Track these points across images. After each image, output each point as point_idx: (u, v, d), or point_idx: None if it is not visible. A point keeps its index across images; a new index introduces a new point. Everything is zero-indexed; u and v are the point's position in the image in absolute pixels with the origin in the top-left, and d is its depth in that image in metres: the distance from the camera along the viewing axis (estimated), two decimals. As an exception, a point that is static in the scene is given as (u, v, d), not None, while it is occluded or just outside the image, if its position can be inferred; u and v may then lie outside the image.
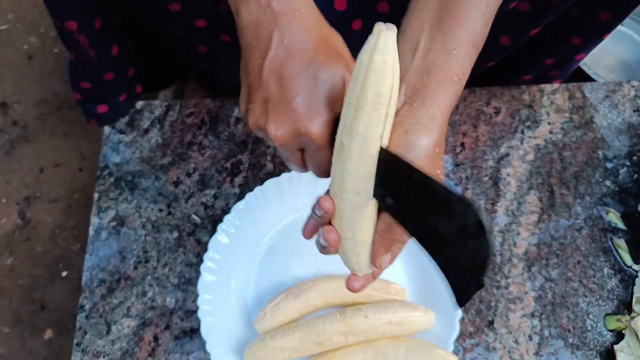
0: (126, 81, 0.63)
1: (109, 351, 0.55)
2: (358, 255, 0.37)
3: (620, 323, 0.54)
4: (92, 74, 0.60)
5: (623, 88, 0.67)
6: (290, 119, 0.35)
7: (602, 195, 0.61)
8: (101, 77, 0.60)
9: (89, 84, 0.61)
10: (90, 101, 0.63)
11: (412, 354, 0.49)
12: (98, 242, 0.60)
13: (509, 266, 0.57)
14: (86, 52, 0.56)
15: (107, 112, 0.64)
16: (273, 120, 0.36)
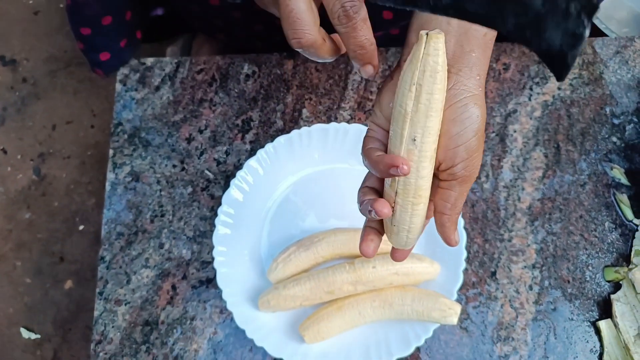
0: (124, 25, 0.64)
1: (129, 299, 0.58)
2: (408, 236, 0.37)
3: (618, 274, 0.56)
4: (90, 18, 0.61)
5: (635, 43, 0.66)
6: None
7: (608, 152, 0.62)
8: (99, 21, 0.61)
9: (88, 29, 0.62)
10: (92, 49, 0.64)
11: (418, 303, 0.51)
12: (115, 197, 0.62)
13: (513, 220, 0.59)
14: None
15: (109, 59, 0.65)
16: None
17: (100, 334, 0.57)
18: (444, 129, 0.34)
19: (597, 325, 0.55)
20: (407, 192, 0.34)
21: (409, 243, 0.38)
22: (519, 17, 0.26)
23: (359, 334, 0.54)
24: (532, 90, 0.64)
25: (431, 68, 0.31)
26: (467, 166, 0.34)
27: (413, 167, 0.33)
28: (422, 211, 0.36)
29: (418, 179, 0.34)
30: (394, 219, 0.36)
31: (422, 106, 0.32)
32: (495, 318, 0.56)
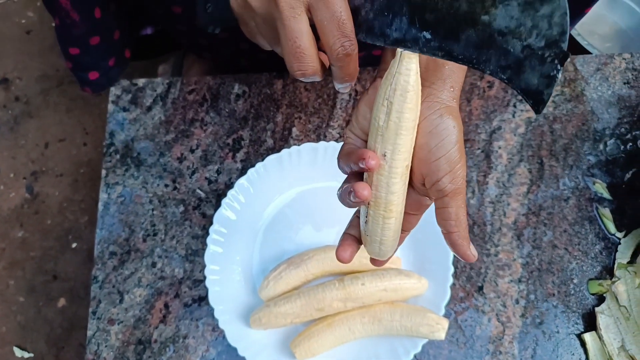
0: (113, 45, 0.65)
1: (122, 318, 0.59)
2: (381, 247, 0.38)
3: (602, 287, 0.57)
4: (78, 38, 0.61)
5: (614, 60, 0.68)
6: None
7: (590, 167, 0.63)
8: (87, 42, 0.61)
9: (77, 49, 0.62)
10: (81, 69, 0.65)
11: (406, 318, 0.52)
12: (107, 216, 0.62)
13: (499, 235, 0.60)
14: (69, 15, 0.57)
15: (98, 78, 0.65)
16: None
17: (93, 353, 0.58)
18: (422, 142, 0.34)
19: (582, 338, 0.56)
20: (378, 205, 0.35)
21: (382, 254, 0.38)
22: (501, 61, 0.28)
23: (349, 350, 0.55)
24: (515, 107, 0.66)
25: (402, 87, 0.32)
26: (452, 179, 0.34)
27: (383, 181, 0.34)
28: (393, 225, 0.36)
29: (388, 194, 0.34)
30: (367, 229, 0.37)
31: (392, 123, 0.32)
32: (483, 332, 0.57)
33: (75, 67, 0.65)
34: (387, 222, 0.35)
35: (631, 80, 0.67)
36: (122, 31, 0.65)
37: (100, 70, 0.65)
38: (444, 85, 0.34)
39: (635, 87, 0.67)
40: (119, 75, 0.67)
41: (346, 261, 0.38)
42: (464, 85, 0.67)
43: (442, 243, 0.56)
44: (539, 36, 0.27)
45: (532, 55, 0.27)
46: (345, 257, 0.38)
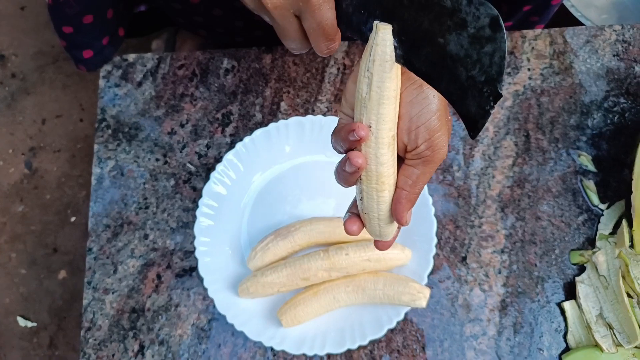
0: (106, 24, 0.65)
1: (117, 288, 0.61)
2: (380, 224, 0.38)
3: (583, 257, 0.59)
4: (71, 17, 0.61)
5: (604, 32, 0.68)
6: None
7: (576, 139, 0.64)
8: (80, 20, 0.61)
9: (70, 28, 0.63)
10: (74, 47, 0.65)
11: (389, 287, 0.54)
12: (100, 190, 0.64)
13: (483, 207, 0.61)
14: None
15: (92, 57, 0.66)
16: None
17: (89, 321, 0.60)
18: (403, 112, 0.35)
19: (561, 306, 0.57)
20: (370, 179, 0.36)
21: (383, 233, 0.39)
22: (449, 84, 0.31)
23: (334, 317, 0.56)
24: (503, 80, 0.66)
25: (380, 57, 0.32)
26: (430, 146, 0.34)
27: (371, 153, 0.35)
28: (387, 198, 0.37)
29: (378, 166, 0.35)
30: (363, 208, 0.38)
31: (374, 94, 0.33)
32: (466, 301, 0.59)
33: (69, 45, 0.65)
34: (381, 195, 0.36)
35: (621, 52, 0.67)
36: (116, 9, 0.65)
37: (94, 48, 0.66)
38: None
39: (624, 59, 0.66)
40: (113, 54, 0.68)
41: (355, 233, 0.39)
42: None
43: (426, 215, 0.57)
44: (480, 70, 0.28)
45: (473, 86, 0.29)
46: (354, 229, 0.39)
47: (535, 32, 0.68)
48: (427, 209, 0.57)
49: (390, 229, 0.39)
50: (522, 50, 0.67)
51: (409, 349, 0.57)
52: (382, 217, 0.38)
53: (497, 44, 0.28)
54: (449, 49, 0.29)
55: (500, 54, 0.28)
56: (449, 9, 0.28)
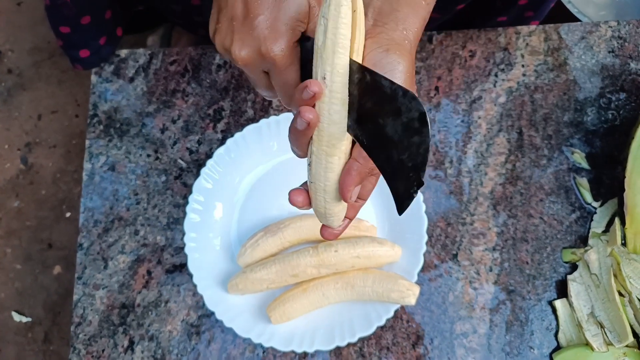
0: (104, 24, 0.64)
1: (107, 284, 0.61)
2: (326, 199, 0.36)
3: (575, 255, 0.58)
4: (68, 17, 0.61)
5: (600, 29, 0.67)
6: (253, 39, 0.35)
7: (570, 136, 0.63)
8: (78, 21, 0.61)
9: (67, 28, 0.62)
10: (71, 47, 0.65)
11: (378, 284, 0.54)
12: (91, 186, 0.64)
13: (475, 204, 0.61)
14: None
15: (89, 56, 0.66)
16: (237, 39, 0.35)
17: (79, 316, 0.60)
18: None
19: (553, 305, 0.57)
20: (321, 139, 0.33)
21: (329, 212, 0.37)
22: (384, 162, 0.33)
23: (323, 314, 0.56)
24: (497, 76, 0.65)
25: (335, 2, 0.31)
26: None
27: (324, 109, 0.33)
28: (336, 166, 0.34)
29: (330, 125, 0.33)
30: (310, 175, 0.36)
31: (329, 41, 0.31)
32: (456, 298, 0.58)
33: (66, 45, 0.65)
34: (330, 161, 0.34)
35: (616, 48, 0.66)
36: (114, 10, 0.64)
37: (91, 48, 0.65)
38: (396, 27, 0.34)
39: (619, 55, 0.66)
40: (110, 53, 0.67)
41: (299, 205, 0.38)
42: (445, 55, 0.66)
43: (417, 212, 0.57)
44: (409, 157, 0.31)
45: (402, 169, 0.31)
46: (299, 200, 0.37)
47: (530, 28, 0.67)
48: (417, 206, 0.57)
49: (336, 209, 0.37)
50: (516, 47, 0.66)
51: (399, 347, 0.57)
52: (329, 190, 0.35)
53: (423, 137, 0.30)
54: (387, 131, 0.31)
55: (424, 147, 0.30)
56: (388, 95, 0.30)
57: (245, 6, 0.35)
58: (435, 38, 0.66)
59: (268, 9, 0.35)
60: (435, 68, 0.66)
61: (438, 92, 0.65)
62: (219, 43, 0.37)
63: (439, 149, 0.63)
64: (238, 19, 0.35)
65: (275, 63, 0.35)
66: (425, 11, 0.35)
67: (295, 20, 0.35)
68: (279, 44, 0.35)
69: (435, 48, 0.66)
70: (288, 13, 0.35)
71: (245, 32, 0.35)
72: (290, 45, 0.35)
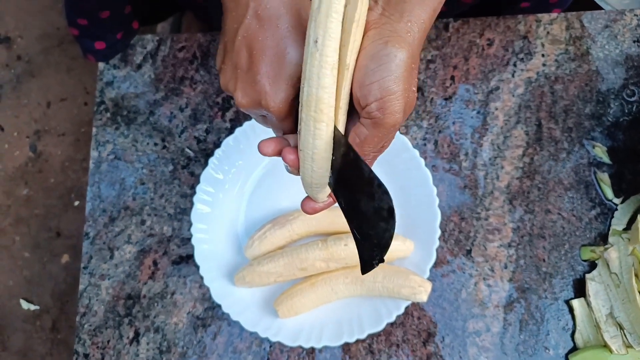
0: (123, 19, 0.63)
1: (112, 274, 0.60)
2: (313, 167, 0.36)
3: (594, 254, 0.56)
4: (88, 11, 0.60)
5: (625, 17, 0.64)
6: (254, 91, 0.37)
7: (591, 129, 0.61)
8: (97, 15, 0.60)
9: (85, 20, 0.61)
10: (87, 37, 0.63)
11: (388, 280, 0.52)
12: (98, 174, 0.63)
13: (491, 199, 0.59)
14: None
15: (104, 48, 0.65)
16: (240, 88, 0.37)
17: (85, 306, 0.60)
18: (363, 64, 0.34)
19: (570, 304, 0.55)
20: (309, 103, 0.34)
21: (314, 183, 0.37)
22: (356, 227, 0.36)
23: (331, 310, 0.55)
24: (515, 66, 0.63)
25: None
26: (380, 107, 0.33)
27: (314, 72, 0.33)
28: (324, 134, 0.34)
29: (319, 89, 0.33)
30: (299, 142, 0.36)
31: (323, 6, 0.32)
32: (469, 295, 0.56)
33: (82, 35, 0.63)
34: (318, 127, 0.34)
35: (642, 38, 0.63)
36: (134, 5, 0.63)
37: (108, 41, 0.64)
38: (401, 18, 0.34)
39: (645, 45, 0.63)
40: (125, 47, 0.66)
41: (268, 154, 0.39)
42: (462, 43, 0.64)
43: (429, 206, 0.55)
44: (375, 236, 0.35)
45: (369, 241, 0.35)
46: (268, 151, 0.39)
47: (551, 16, 0.64)
48: (431, 200, 0.55)
49: (323, 181, 0.37)
50: (537, 35, 0.64)
51: (409, 344, 0.56)
52: (316, 158, 0.35)
53: (389, 226, 0.34)
54: (361, 206, 0.34)
55: (389, 234, 0.34)
56: (366, 179, 0.33)
57: (249, 58, 0.37)
58: (452, 26, 0.64)
59: (270, 65, 0.36)
60: (452, 57, 0.63)
61: (454, 81, 0.63)
62: (223, 83, 0.39)
63: (454, 141, 0.61)
64: (242, 68, 0.37)
65: (274, 115, 0.37)
66: (434, 2, 0.35)
67: (295, 78, 0.36)
68: (278, 99, 0.37)
69: (452, 36, 0.64)
70: (289, 71, 0.36)
71: (248, 83, 0.37)
72: (289, 101, 0.37)
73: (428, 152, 0.61)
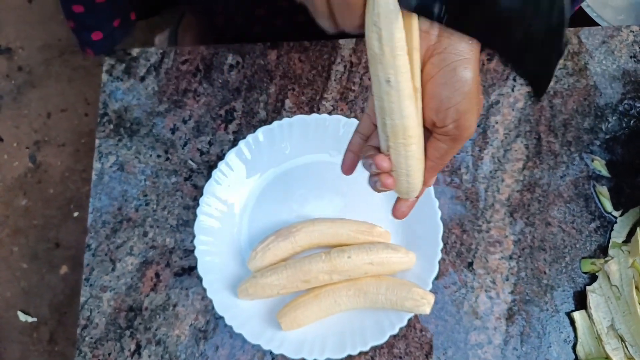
0: (119, 5, 0.63)
1: (114, 286, 0.60)
2: (409, 180, 0.39)
3: (594, 266, 0.56)
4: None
5: (621, 33, 0.65)
6: None
7: (590, 143, 0.61)
8: (93, 0, 0.59)
9: (81, 7, 0.60)
10: (84, 29, 0.63)
11: (392, 292, 0.52)
12: (100, 186, 0.63)
13: (492, 211, 0.59)
14: None
15: (101, 39, 0.64)
16: None
17: (86, 318, 0.59)
18: (435, 92, 0.35)
19: (571, 316, 0.55)
20: (396, 134, 0.36)
21: (411, 189, 0.40)
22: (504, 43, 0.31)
23: (334, 322, 0.55)
24: (515, 81, 0.64)
25: (384, 9, 0.32)
26: (458, 125, 0.36)
27: (395, 108, 0.35)
28: (415, 153, 0.37)
29: (403, 119, 0.35)
30: (392, 164, 0.39)
31: (386, 48, 0.33)
32: (471, 308, 0.57)
33: (78, 27, 0.62)
34: (409, 149, 0.37)
35: (638, 53, 0.64)
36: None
37: (105, 30, 0.62)
38: (462, 37, 0.34)
39: (642, 61, 0.64)
40: (123, 38, 0.65)
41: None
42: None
43: (432, 219, 0.56)
44: (538, 25, 0.29)
45: (531, 43, 0.30)
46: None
47: (550, 32, 0.65)
48: (433, 212, 0.56)
49: (417, 186, 0.40)
50: (535, 50, 0.65)
51: (412, 356, 0.56)
52: (411, 173, 0.38)
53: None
54: (502, 6, 0.29)
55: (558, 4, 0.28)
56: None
57: None
58: (452, 40, 0.65)
59: None
60: (452, 71, 0.64)
61: (454, 95, 0.63)
62: None
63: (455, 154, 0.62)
64: None
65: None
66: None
67: None
68: None
69: (452, 51, 0.65)
70: None
71: None
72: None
73: (429, 165, 0.61)
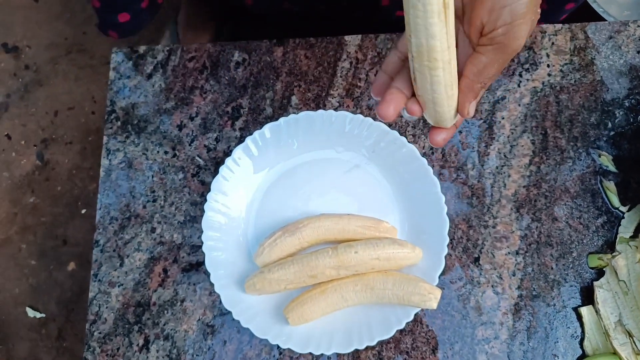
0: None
1: (122, 281, 0.60)
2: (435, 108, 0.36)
3: (602, 261, 0.56)
4: None
5: (628, 28, 0.65)
6: None
7: (596, 139, 0.61)
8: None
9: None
10: (110, 9, 0.60)
11: (398, 287, 0.52)
12: (108, 182, 0.63)
13: (498, 207, 0.59)
14: None
15: (128, 21, 0.61)
16: None
17: (94, 314, 0.60)
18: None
19: (578, 312, 0.55)
20: (421, 54, 0.33)
21: (440, 119, 0.36)
22: None
23: (341, 317, 0.55)
24: (521, 76, 0.64)
25: None
26: (507, 32, 0.32)
27: (420, 25, 0.32)
28: (441, 78, 0.33)
29: (428, 39, 0.32)
30: (417, 89, 0.35)
31: None
32: (478, 303, 0.57)
33: (104, 7, 0.60)
34: (434, 74, 0.33)
35: (645, 49, 0.64)
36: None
37: (132, 11, 0.60)
38: None
39: (649, 56, 0.64)
40: (149, 21, 0.63)
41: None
42: (468, 54, 0.65)
43: (438, 214, 0.56)
44: None
45: None
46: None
47: (556, 27, 0.65)
48: (439, 208, 0.56)
49: (447, 113, 0.36)
50: (542, 46, 0.65)
51: (419, 351, 0.56)
52: (437, 100, 0.35)
53: None
54: None
55: None
56: None
57: None
58: (458, 36, 0.65)
59: None
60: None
61: (461, 91, 0.63)
62: None
63: (460, 150, 0.62)
64: None
65: None
66: None
67: None
68: None
69: (458, 47, 0.65)
70: None
71: None
72: None
73: (435, 161, 0.61)
